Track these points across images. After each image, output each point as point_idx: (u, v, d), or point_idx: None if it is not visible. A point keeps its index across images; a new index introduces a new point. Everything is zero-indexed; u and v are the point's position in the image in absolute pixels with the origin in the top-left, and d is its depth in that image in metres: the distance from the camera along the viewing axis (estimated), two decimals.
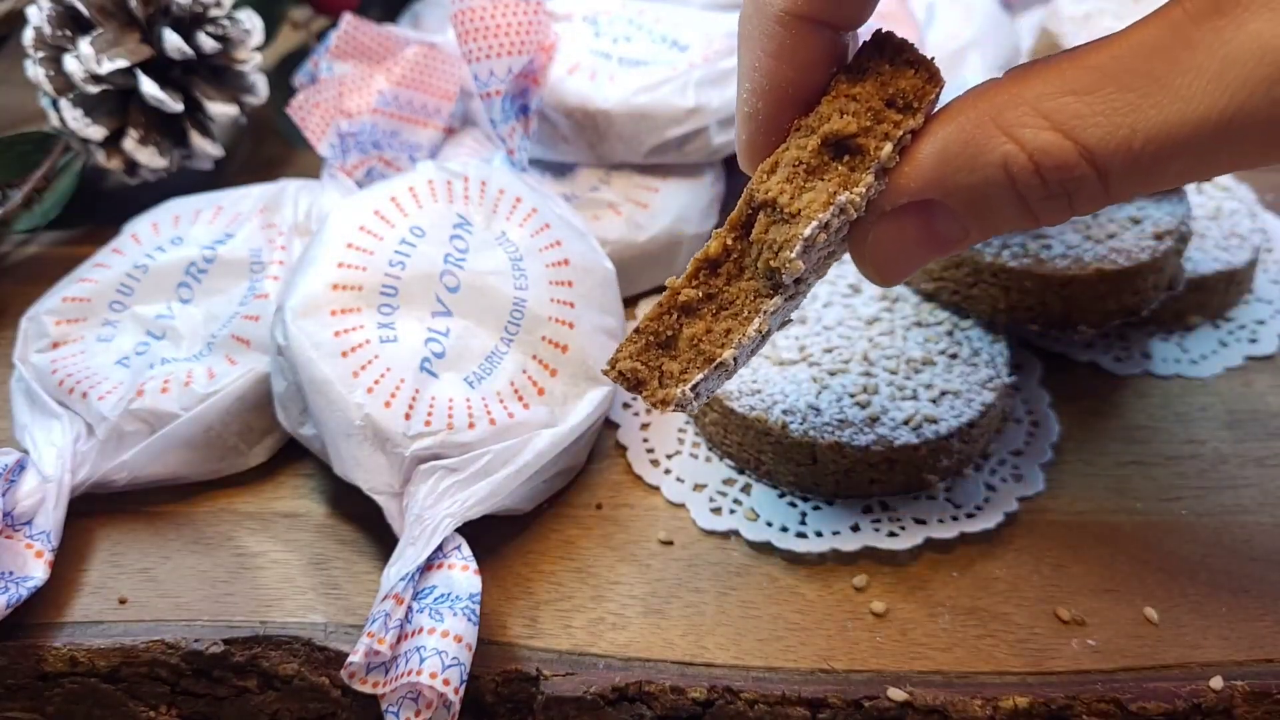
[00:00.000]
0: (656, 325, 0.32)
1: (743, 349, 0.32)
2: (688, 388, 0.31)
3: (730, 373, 0.33)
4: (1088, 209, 0.29)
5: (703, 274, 0.32)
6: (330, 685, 0.37)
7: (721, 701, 0.36)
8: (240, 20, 0.56)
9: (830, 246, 0.32)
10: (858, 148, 0.30)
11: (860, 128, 0.30)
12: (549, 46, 0.54)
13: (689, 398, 0.31)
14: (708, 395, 0.33)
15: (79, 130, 0.52)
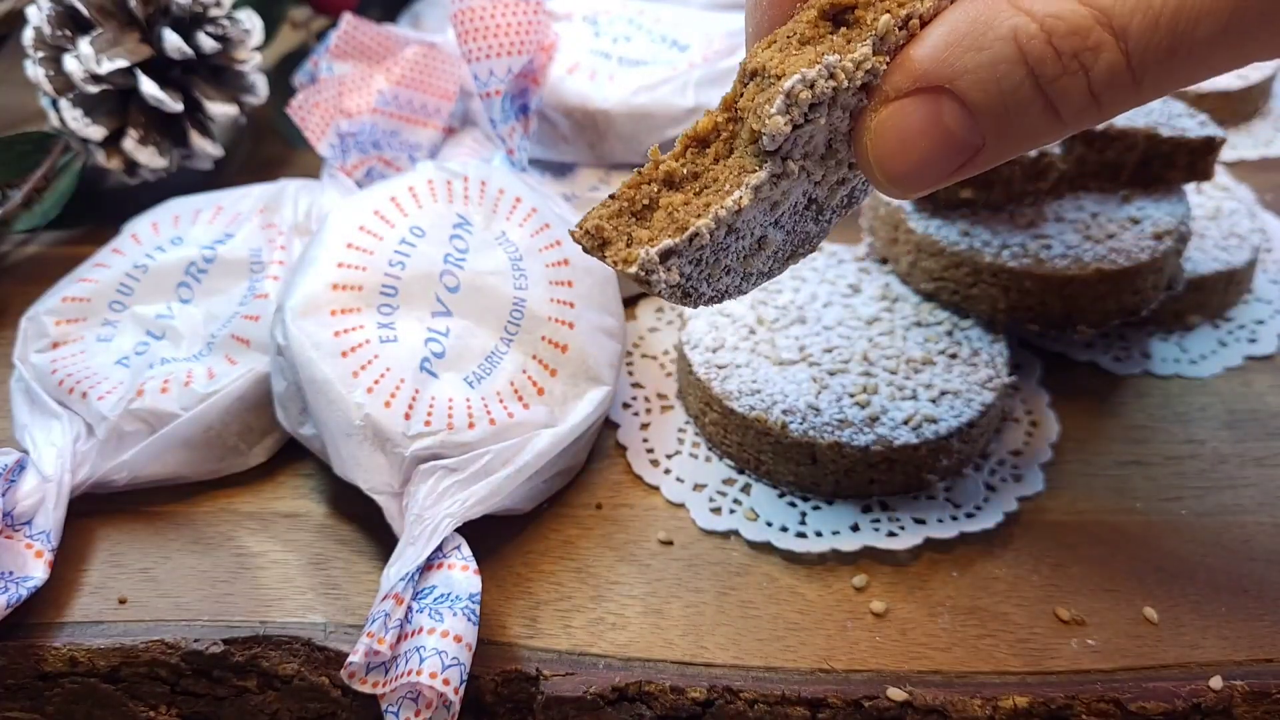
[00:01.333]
0: (633, 193, 0.30)
1: (720, 224, 0.29)
2: (654, 250, 0.28)
3: (706, 255, 0.29)
4: (1113, 98, 0.26)
5: (690, 151, 0.30)
6: (330, 685, 0.37)
7: (721, 701, 0.36)
8: (240, 20, 0.56)
9: (828, 138, 0.29)
10: (856, 20, 0.29)
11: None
12: (549, 46, 0.54)
13: (653, 263, 0.28)
14: (684, 281, 0.30)
15: (79, 130, 0.52)
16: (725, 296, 0.31)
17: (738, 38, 0.57)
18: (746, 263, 0.31)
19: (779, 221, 0.31)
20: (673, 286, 0.29)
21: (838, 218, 0.33)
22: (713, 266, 0.30)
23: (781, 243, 0.32)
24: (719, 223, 0.29)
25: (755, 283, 0.32)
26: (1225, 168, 0.59)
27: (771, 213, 0.30)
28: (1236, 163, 0.61)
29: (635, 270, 0.28)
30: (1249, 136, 0.63)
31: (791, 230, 0.31)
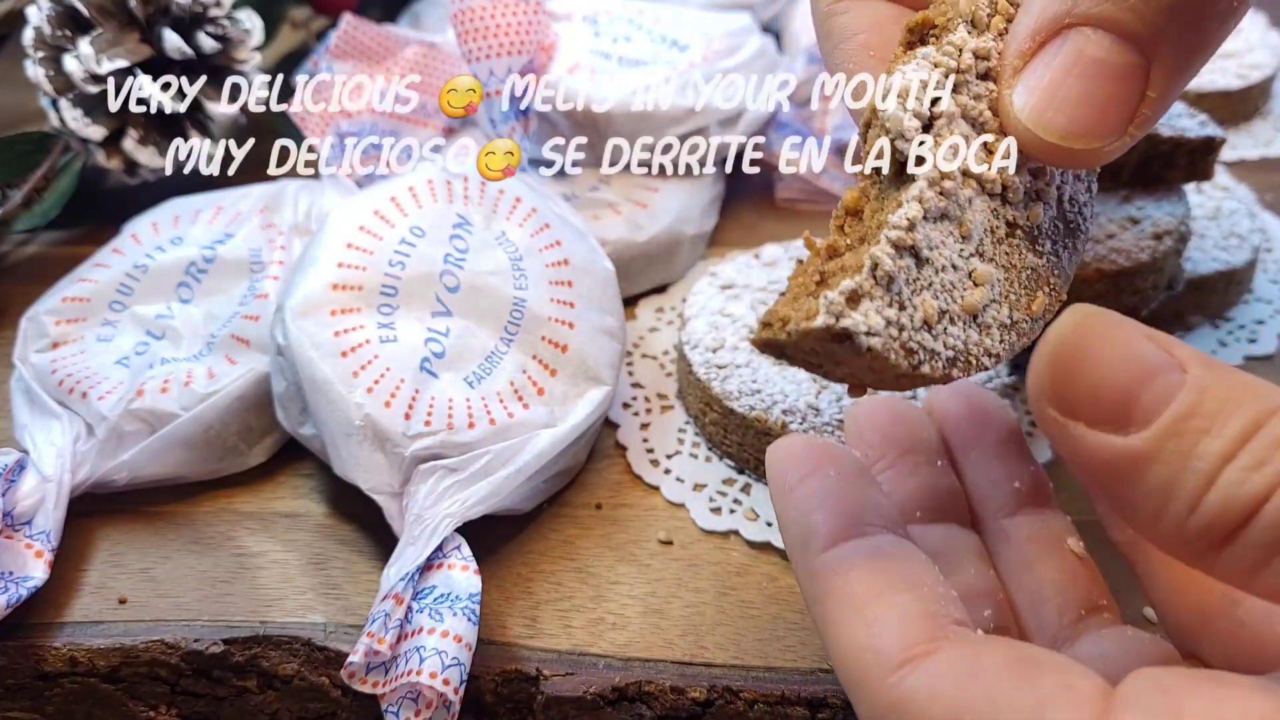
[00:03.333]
0: (801, 278, 0.27)
1: (898, 248, 0.25)
2: (836, 292, 0.24)
3: (902, 290, 0.25)
4: None
5: (847, 224, 0.28)
6: (330, 685, 0.37)
7: (721, 701, 0.36)
8: (240, 20, 0.56)
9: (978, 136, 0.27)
10: (941, 27, 0.28)
11: (938, 13, 0.28)
12: (549, 46, 0.54)
13: (838, 305, 0.24)
14: (895, 330, 0.25)
15: (79, 130, 0.52)
16: (971, 357, 0.27)
17: (738, 38, 0.57)
18: (967, 306, 0.27)
19: (981, 252, 0.27)
20: (883, 336, 0.24)
21: (1069, 250, 0.29)
22: (918, 306, 0.26)
23: (999, 279, 0.27)
24: (895, 246, 0.25)
25: (1004, 339, 0.27)
26: (1225, 168, 0.59)
27: (963, 240, 0.27)
28: (1236, 163, 0.61)
29: (823, 319, 0.24)
30: (1249, 136, 0.63)
31: (1007, 266, 0.27)
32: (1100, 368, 0.22)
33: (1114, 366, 0.22)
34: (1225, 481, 0.21)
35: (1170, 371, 0.22)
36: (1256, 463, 0.21)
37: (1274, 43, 0.66)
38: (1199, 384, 0.22)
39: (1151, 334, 0.23)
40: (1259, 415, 0.21)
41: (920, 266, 0.25)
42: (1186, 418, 0.22)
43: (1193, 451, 0.21)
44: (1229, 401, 0.22)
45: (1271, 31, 0.66)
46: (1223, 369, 0.22)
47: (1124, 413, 0.22)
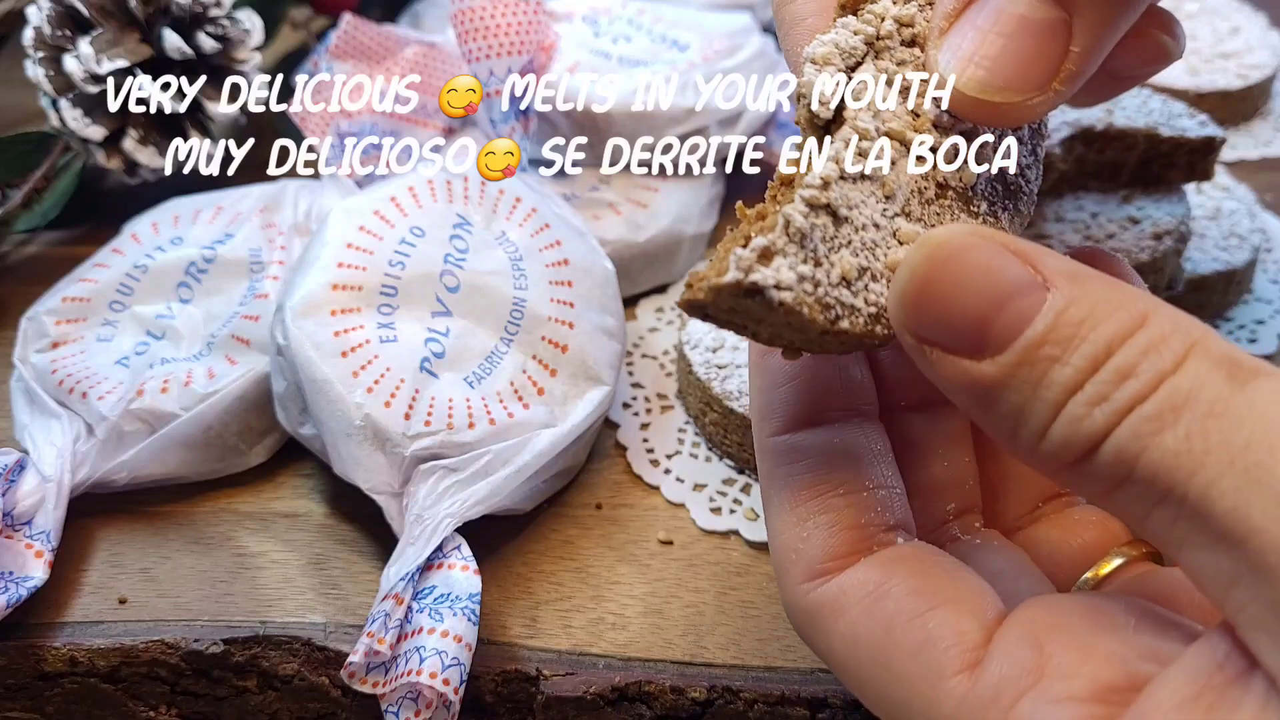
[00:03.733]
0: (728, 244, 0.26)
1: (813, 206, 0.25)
2: (747, 250, 0.24)
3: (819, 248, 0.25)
4: None
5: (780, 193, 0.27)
6: (330, 685, 0.37)
7: (721, 701, 0.36)
8: (240, 20, 0.56)
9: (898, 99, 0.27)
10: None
11: None
12: (549, 46, 0.54)
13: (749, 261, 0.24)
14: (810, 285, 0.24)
15: (79, 130, 0.52)
16: None
17: (738, 38, 0.57)
18: (890, 264, 0.26)
19: (908, 212, 0.27)
20: (796, 291, 0.24)
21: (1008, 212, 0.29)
22: (836, 263, 0.25)
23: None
24: (809, 204, 0.25)
25: None
26: (1225, 168, 0.59)
27: (886, 200, 0.26)
28: (1236, 163, 0.61)
29: (733, 274, 0.24)
30: (1249, 136, 0.63)
31: (937, 225, 0.27)
32: (953, 294, 0.22)
33: (967, 292, 0.22)
34: (1068, 415, 0.21)
35: (1029, 293, 0.22)
36: (1099, 397, 0.21)
37: (1274, 43, 0.66)
38: (1056, 306, 0.22)
39: (1021, 249, 0.23)
40: (1112, 340, 0.21)
41: (838, 225, 0.25)
42: (1039, 345, 0.22)
43: (1042, 380, 0.22)
44: (1084, 325, 0.21)
45: (1271, 31, 0.66)
46: (1093, 283, 0.22)
47: (978, 339, 0.22)
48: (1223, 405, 0.20)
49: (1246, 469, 0.19)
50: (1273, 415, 0.20)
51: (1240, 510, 0.19)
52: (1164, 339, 0.21)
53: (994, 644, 0.23)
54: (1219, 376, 0.20)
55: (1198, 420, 0.20)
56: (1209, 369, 0.21)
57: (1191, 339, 0.21)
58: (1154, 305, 0.22)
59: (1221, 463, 0.20)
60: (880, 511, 0.27)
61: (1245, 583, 0.20)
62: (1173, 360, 0.21)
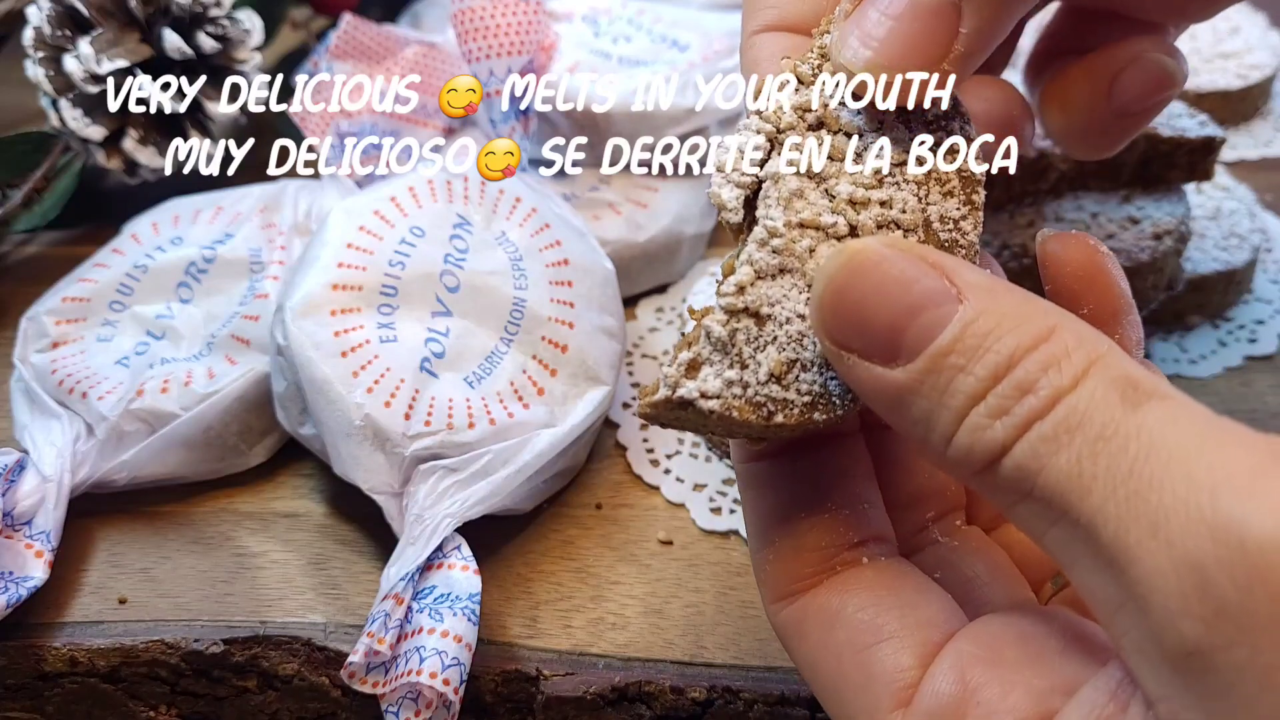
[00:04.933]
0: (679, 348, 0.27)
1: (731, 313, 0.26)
2: (672, 367, 0.26)
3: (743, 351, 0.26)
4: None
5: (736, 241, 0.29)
6: (330, 685, 0.37)
7: (721, 701, 0.36)
8: (240, 20, 0.56)
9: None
10: None
11: None
12: (549, 46, 0.54)
13: (674, 378, 0.26)
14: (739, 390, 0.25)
15: (79, 130, 0.52)
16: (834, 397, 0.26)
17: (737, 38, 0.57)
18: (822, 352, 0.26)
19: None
20: (724, 398, 0.25)
21: None
22: (763, 361, 0.26)
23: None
24: (727, 312, 0.26)
25: None
26: (1225, 168, 0.59)
27: (808, 288, 0.26)
28: (1236, 163, 0.61)
29: (663, 392, 0.25)
30: (1249, 136, 0.63)
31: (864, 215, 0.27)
32: (869, 302, 0.23)
33: (882, 300, 0.23)
34: (970, 425, 0.22)
35: (942, 303, 0.22)
36: (999, 410, 0.21)
37: (1274, 43, 0.66)
38: (965, 317, 0.22)
39: (938, 261, 0.23)
40: (1015, 351, 0.22)
41: (761, 324, 0.26)
42: (945, 354, 0.22)
43: (947, 388, 0.22)
44: (990, 336, 0.22)
45: (1271, 31, 0.66)
46: (1004, 296, 0.23)
47: (891, 347, 0.23)
48: (1113, 428, 0.20)
49: (1128, 496, 0.20)
50: (1158, 441, 0.20)
51: (1121, 538, 0.20)
52: (1066, 354, 0.21)
53: (925, 680, 0.24)
54: (1113, 398, 0.21)
55: (1089, 443, 0.20)
56: (1105, 389, 0.21)
57: (1093, 356, 0.21)
58: (1062, 320, 0.22)
59: (1107, 488, 0.20)
60: (845, 531, 0.27)
61: (1127, 609, 0.20)
62: (1071, 377, 0.21)
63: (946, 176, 0.27)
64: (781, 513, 0.28)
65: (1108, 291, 0.28)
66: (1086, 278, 0.28)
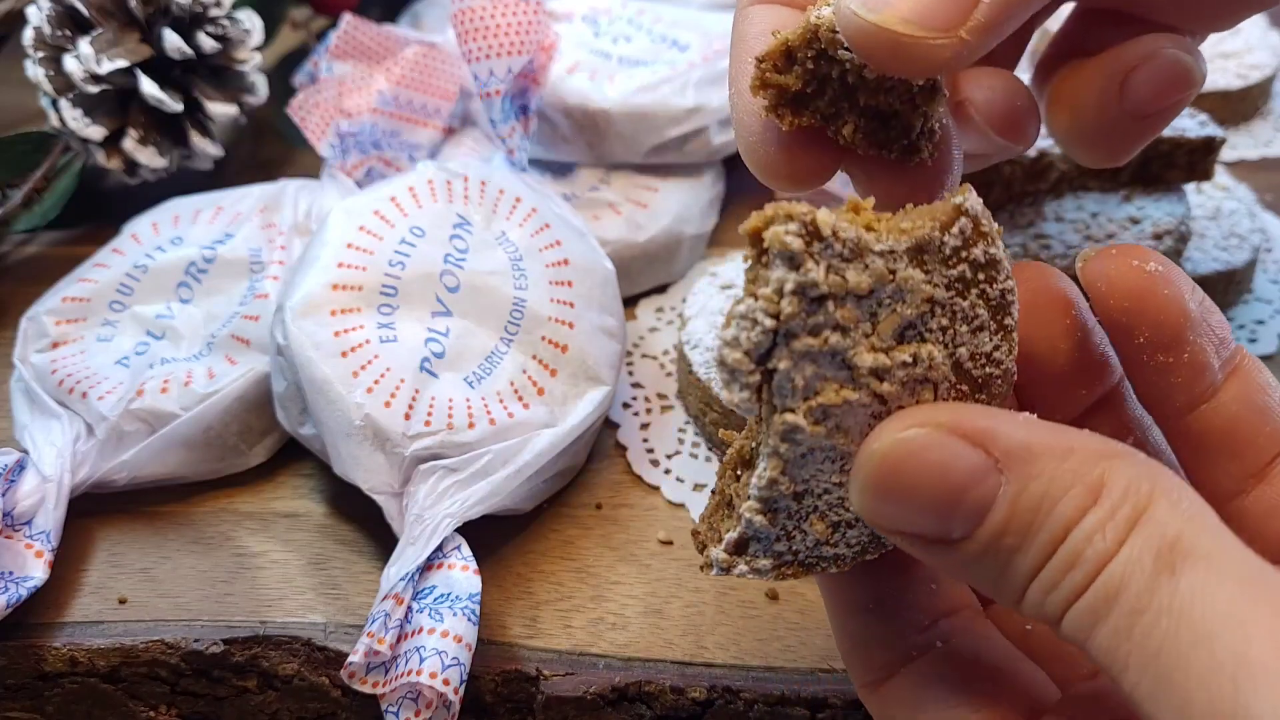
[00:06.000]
0: (721, 483, 0.28)
1: (766, 504, 0.25)
2: (720, 550, 0.27)
3: (787, 525, 0.26)
4: None
5: (755, 424, 0.27)
6: (330, 685, 0.37)
7: (721, 701, 0.36)
8: (240, 20, 0.56)
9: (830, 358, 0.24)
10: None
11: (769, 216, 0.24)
12: (549, 46, 0.54)
13: (727, 561, 0.27)
14: (789, 559, 0.27)
15: (79, 130, 0.52)
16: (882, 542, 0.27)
17: None
18: None
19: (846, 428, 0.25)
20: (775, 570, 0.27)
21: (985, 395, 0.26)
22: (809, 530, 0.26)
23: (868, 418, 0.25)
24: (763, 504, 0.26)
25: None
26: (1225, 168, 0.59)
27: (843, 458, 0.25)
28: (1236, 163, 0.61)
29: (716, 571, 0.27)
30: (1249, 136, 0.63)
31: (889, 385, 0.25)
32: (911, 495, 0.23)
33: (923, 492, 0.23)
34: (1030, 599, 0.23)
35: (984, 479, 0.22)
36: (1050, 584, 0.22)
37: (1274, 43, 0.66)
38: (1010, 494, 0.22)
39: (971, 429, 0.23)
40: (1068, 522, 0.22)
41: (800, 499, 0.26)
42: (999, 535, 0.22)
43: (1007, 566, 0.23)
44: (1040, 510, 0.22)
45: (1271, 31, 0.66)
46: (1044, 460, 0.22)
47: (942, 532, 0.23)
48: (1147, 599, 0.20)
49: (1158, 677, 0.20)
50: (1187, 617, 0.20)
51: (1155, 716, 0.20)
52: (1112, 513, 0.21)
53: None
54: (1149, 563, 0.21)
55: (1125, 615, 0.21)
56: (1143, 552, 0.21)
57: (1138, 510, 0.21)
58: (1109, 465, 0.22)
59: (1140, 666, 0.20)
60: (914, 616, 0.28)
61: None
62: (1115, 539, 0.21)
63: (972, 313, 0.25)
64: (851, 605, 0.28)
65: (1162, 314, 0.26)
66: (1136, 304, 0.26)
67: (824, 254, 0.23)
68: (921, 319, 0.24)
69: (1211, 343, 0.27)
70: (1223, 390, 0.27)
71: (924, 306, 0.23)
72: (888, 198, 0.28)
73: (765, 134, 0.29)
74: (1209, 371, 0.26)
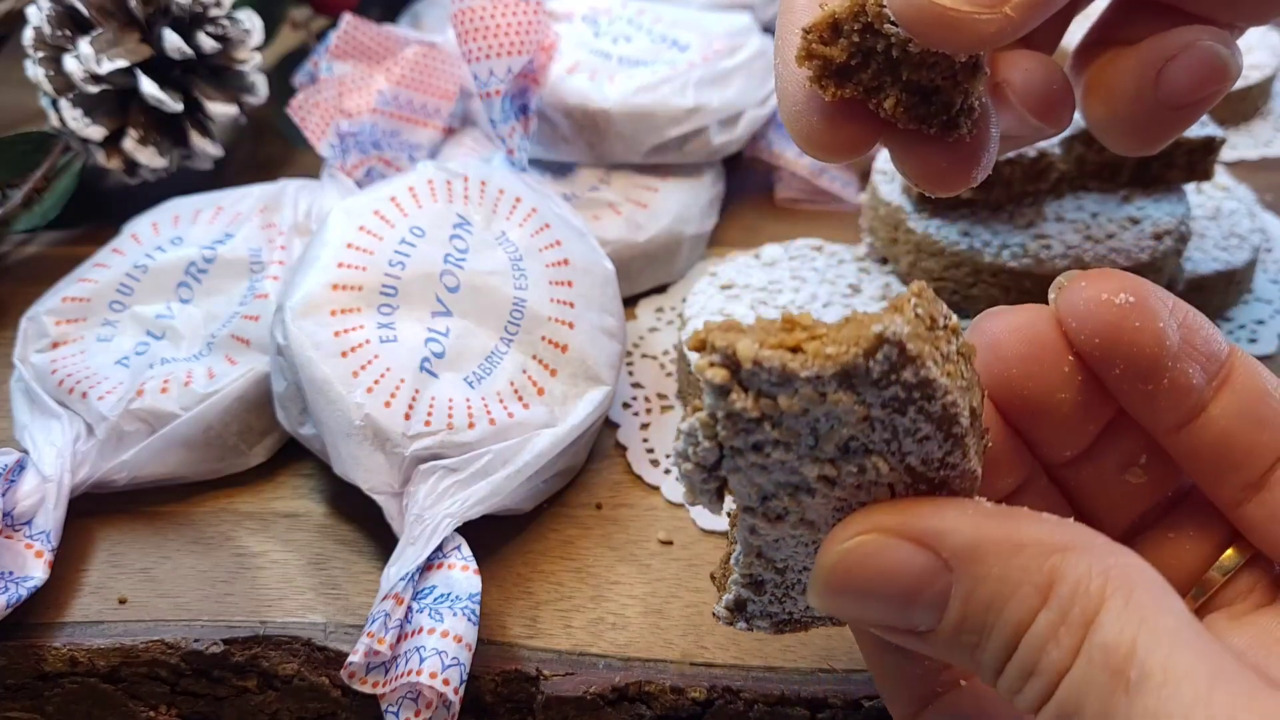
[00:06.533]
0: (731, 533, 0.28)
1: (749, 580, 0.28)
2: (722, 607, 0.29)
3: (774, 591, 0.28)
4: None
5: None
6: (330, 685, 0.37)
7: (721, 701, 0.36)
8: (240, 20, 0.56)
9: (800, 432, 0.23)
10: None
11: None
12: (549, 46, 0.54)
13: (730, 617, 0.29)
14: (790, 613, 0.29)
15: (79, 130, 0.52)
16: None
17: (738, 38, 0.57)
18: None
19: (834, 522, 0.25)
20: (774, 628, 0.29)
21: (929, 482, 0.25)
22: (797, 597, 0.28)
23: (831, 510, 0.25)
24: (747, 579, 0.28)
25: None
26: (1225, 168, 0.59)
27: (816, 533, 0.26)
28: (1236, 163, 0.61)
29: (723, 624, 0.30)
30: (1249, 136, 0.63)
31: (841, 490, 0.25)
32: (866, 601, 0.24)
33: (878, 599, 0.23)
34: (1001, 693, 0.23)
35: (934, 580, 0.23)
36: (1013, 689, 0.22)
37: (1274, 43, 0.66)
38: (961, 594, 0.23)
39: (916, 531, 0.23)
40: (1017, 628, 0.22)
41: (783, 573, 0.27)
42: (957, 632, 0.23)
43: (972, 656, 0.23)
44: (990, 610, 0.22)
45: (1271, 32, 0.66)
46: (992, 551, 0.22)
47: (904, 628, 0.24)
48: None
49: None
50: None
51: None
52: (1063, 615, 0.21)
53: None
54: (1104, 679, 0.21)
55: None
56: (1097, 668, 0.21)
57: (1090, 611, 0.21)
58: (1059, 562, 0.22)
59: None
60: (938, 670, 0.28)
61: None
62: (1069, 649, 0.21)
63: (914, 427, 0.23)
64: (877, 644, 0.28)
65: (1135, 347, 0.26)
66: (1109, 338, 0.26)
67: (751, 381, 0.23)
68: (863, 433, 0.23)
69: (1197, 361, 0.26)
70: (1212, 405, 0.26)
71: (862, 425, 0.23)
72: (924, 170, 0.30)
73: (809, 104, 0.29)
74: (1193, 392, 0.26)
